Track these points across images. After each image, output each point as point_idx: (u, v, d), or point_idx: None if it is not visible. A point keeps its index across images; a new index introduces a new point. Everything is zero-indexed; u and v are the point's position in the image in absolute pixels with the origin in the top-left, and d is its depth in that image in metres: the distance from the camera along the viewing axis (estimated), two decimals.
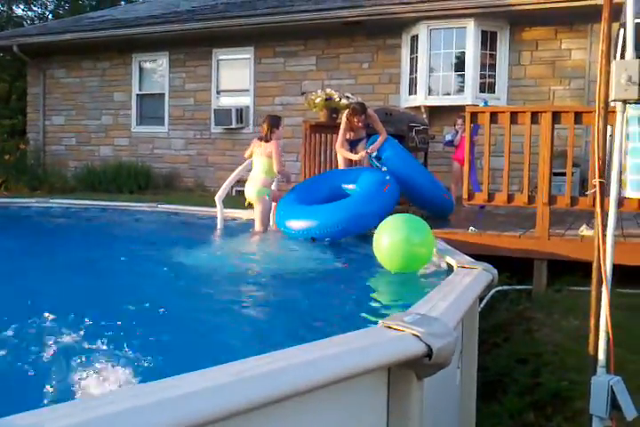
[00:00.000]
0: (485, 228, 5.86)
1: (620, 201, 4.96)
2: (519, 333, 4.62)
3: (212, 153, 12.59)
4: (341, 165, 6.67)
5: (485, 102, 8.42)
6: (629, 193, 4.92)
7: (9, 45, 13.62)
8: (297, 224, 5.39)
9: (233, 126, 12.04)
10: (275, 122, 6.34)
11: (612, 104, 2.28)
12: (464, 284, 2.80)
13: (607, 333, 1.96)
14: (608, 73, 1.90)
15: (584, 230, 5.50)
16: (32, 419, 1.14)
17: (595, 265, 1.99)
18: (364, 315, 3.16)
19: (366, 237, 5.23)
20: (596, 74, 7.92)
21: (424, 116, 10.26)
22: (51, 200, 8.10)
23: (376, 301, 3.61)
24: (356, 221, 5.19)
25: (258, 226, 6.01)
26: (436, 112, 10.50)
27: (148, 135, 13.25)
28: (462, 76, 10.18)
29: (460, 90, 10.24)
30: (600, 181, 1.89)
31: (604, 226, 2.00)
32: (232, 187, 7.17)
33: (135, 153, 13.30)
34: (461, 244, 4.97)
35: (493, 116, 5.17)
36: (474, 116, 5.25)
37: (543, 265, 5.19)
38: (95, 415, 1.15)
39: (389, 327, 1.94)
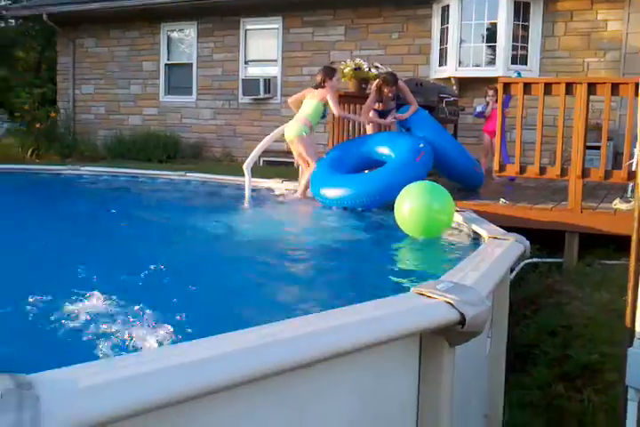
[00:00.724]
0: (516, 200, 5.81)
1: None
2: (549, 305, 4.61)
3: (240, 123, 12.59)
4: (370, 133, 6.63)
5: (519, 74, 8.27)
6: None
7: (39, 14, 13.63)
8: (331, 192, 5.43)
9: (261, 96, 12.02)
10: (329, 72, 6.38)
11: None
12: (496, 254, 2.79)
13: None
14: None
15: (617, 204, 5.42)
16: (67, 375, 1.15)
17: (634, 237, 1.96)
18: (393, 282, 3.17)
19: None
20: (634, 45, 7.76)
21: (454, 87, 10.11)
22: (82, 168, 8.18)
23: (406, 268, 3.62)
24: (390, 191, 5.17)
25: (311, 164, 6.02)
26: (465, 84, 10.36)
27: (176, 105, 13.28)
28: (494, 47, 10.00)
29: (491, 61, 10.06)
30: None
31: None
32: (259, 157, 7.16)
33: (164, 123, 13.35)
34: (492, 215, 4.93)
35: (526, 87, 5.08)
36: (507, 86, 5.15)
37: (574, 238, 5.14)
38: (132, 373, 1.17)
39: (422, 294, 1.94)
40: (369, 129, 6.69)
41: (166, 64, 13.34)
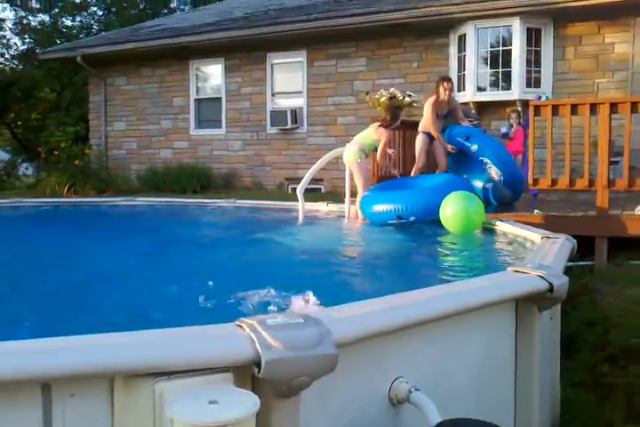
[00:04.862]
0: (547, 211, 6.40)
1: None
2: (585, 302, 5.12)
3: (269, 153, 13.25)
4: (419, 149, 7.17)
5: (547, 97, 8.89)
6: None
7: (73, 56, 14.45)
8: (383, 207, 6.04)
9: (288, 127, 12.70)
10: (395, 114, 7.01)
11: None
12: (555, 248, 3.39)
13: None
14: None
15: (639, 210, 6.01)
16: (326, 311, 1.80)
17: None
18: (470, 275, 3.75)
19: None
20: None
21: (472, 111, 10.78)
22: (137, 199, 8.81)
23: (475, 264, 4.22)
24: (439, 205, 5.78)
25: (359, 190, 6.62)
26: (483, 107, 11.02)
27: (206, 138, 13.98)
28: (509, 72, 10.69)
29: (507, 85, 10.75)
30: None
31: None
32: (287, 184, 7.69)
33: (194, 155, 14.03)
34: (529, 224, 5.52)
35: (555, 109, 5.71)
36: (537, 109, 5.78)
37: (604, 242, 5.71)
38: (369, 310, 1.80)
39: (517, 271, 2.55)
40: (419, 144, 7.20)
41: (196, 99, 14.09)
